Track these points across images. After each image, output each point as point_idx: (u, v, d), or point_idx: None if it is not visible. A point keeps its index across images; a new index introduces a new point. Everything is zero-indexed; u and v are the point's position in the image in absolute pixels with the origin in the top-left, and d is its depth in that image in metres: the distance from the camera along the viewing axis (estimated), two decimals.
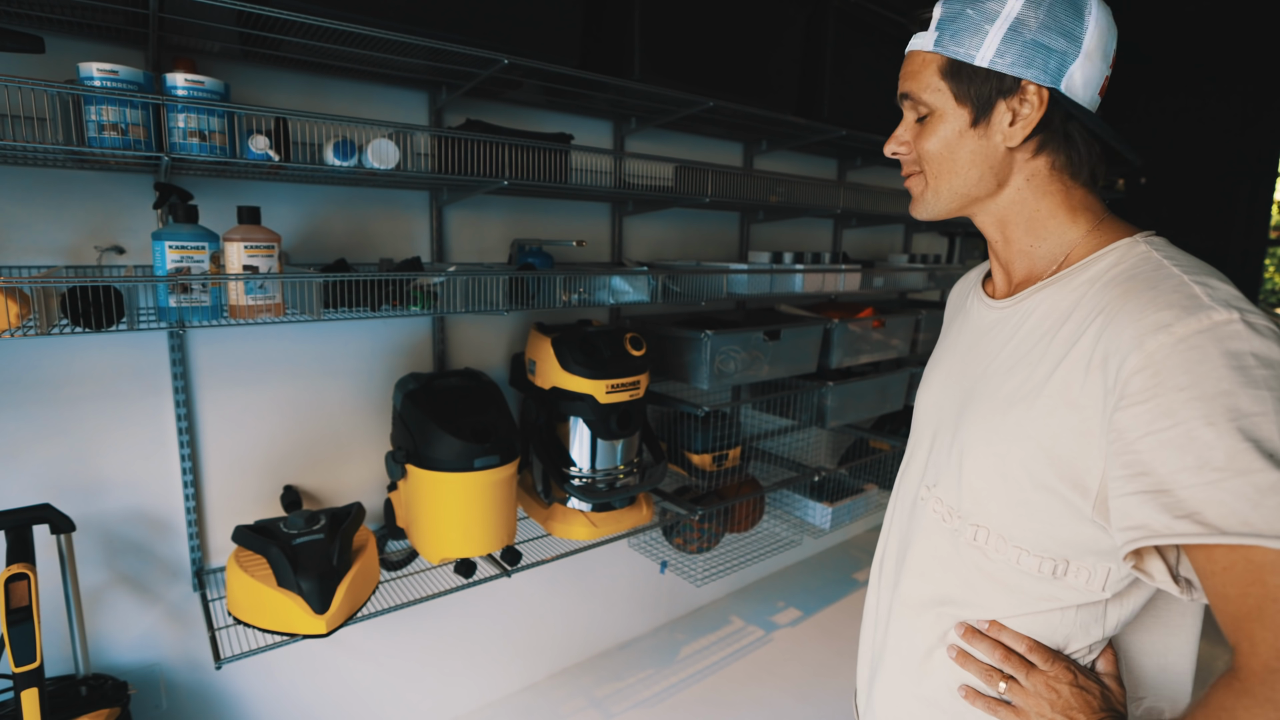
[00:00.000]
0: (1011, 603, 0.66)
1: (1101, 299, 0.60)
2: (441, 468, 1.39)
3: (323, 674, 1.69)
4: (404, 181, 1.47)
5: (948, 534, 0.70)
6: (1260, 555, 0.48)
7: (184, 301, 1.15)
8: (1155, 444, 0.51)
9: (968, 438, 0.69)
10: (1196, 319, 0.52)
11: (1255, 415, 0.49)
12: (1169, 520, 0.50)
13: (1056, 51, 0.63)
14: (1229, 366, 0.50)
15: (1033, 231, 0.70)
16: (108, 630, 1.40)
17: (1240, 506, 0.48)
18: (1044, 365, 0.62)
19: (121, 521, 1.39)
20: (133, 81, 1.09)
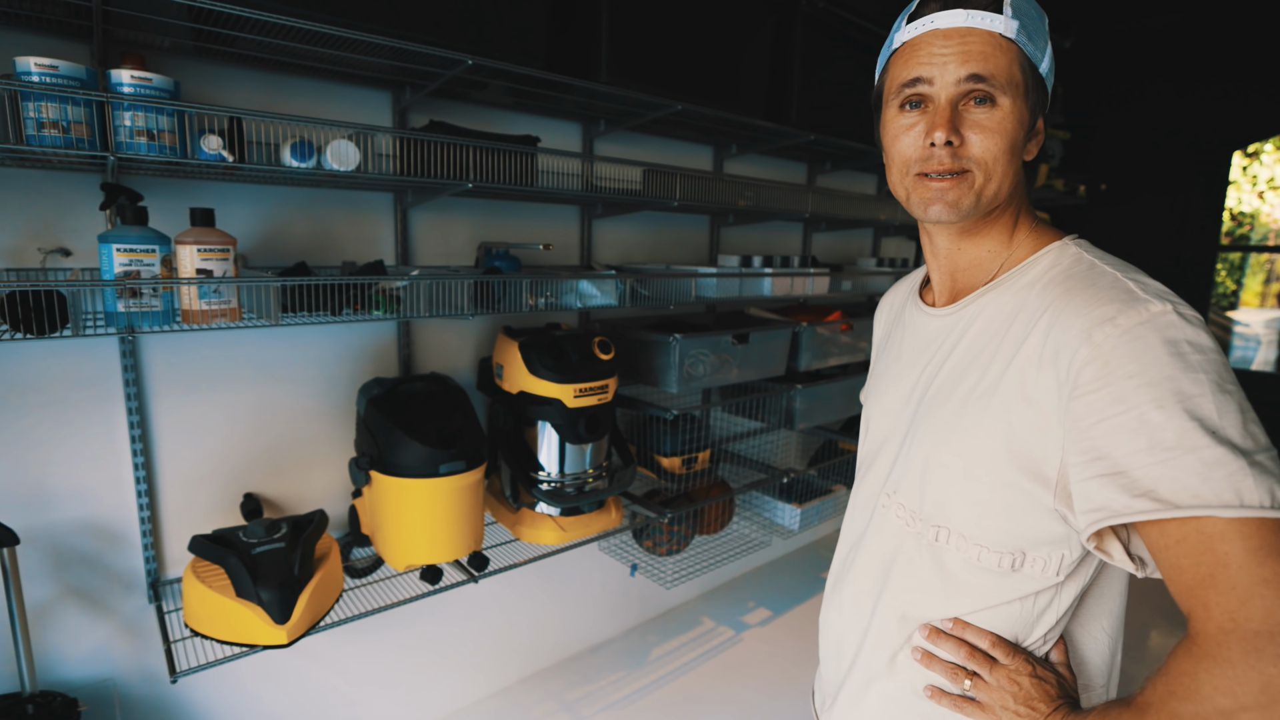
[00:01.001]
0: (972, 599, 0.68)
1: (1045, 298, 0.62)
2: (406, 474, 1.37)
3: (287, 684, 1.66)
4: (366, 183, 1.44)
5: (910, 537, 0.72)
6: (1210, 525, 0.50)
7: (133, 306, 1.12)
8: (1109, 429, 0.54)
9: (926, 441, 0.70)
10: (1136, 311, 0.56)
11: (1196, 396, 0.52)
12: (1128, 500, 0.53)
13: (1053, 75, 0.67)
14: (1169, 354, 0.54)
15: (994, 239, 0.71)
16: (58, 645, 1.35)
17: (1191, 481, 0.51)
18: (996, 365, 0.64)
19: (71, 533, 1.34)
20: (74, 77, 1.05)
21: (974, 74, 0.62)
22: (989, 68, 0.62)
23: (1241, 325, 4.48)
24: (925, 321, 0.76)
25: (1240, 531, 0.49)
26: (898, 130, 0.68)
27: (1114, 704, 0.59)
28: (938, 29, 0.64)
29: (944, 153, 0.64)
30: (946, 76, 0.63)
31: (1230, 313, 4.51)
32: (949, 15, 0.63)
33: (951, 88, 0.63)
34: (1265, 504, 0.49)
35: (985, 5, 0.63)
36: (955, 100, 0.64)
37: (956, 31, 0.63)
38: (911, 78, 0.65)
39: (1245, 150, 3.76)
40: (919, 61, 0.65)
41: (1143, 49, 3.71)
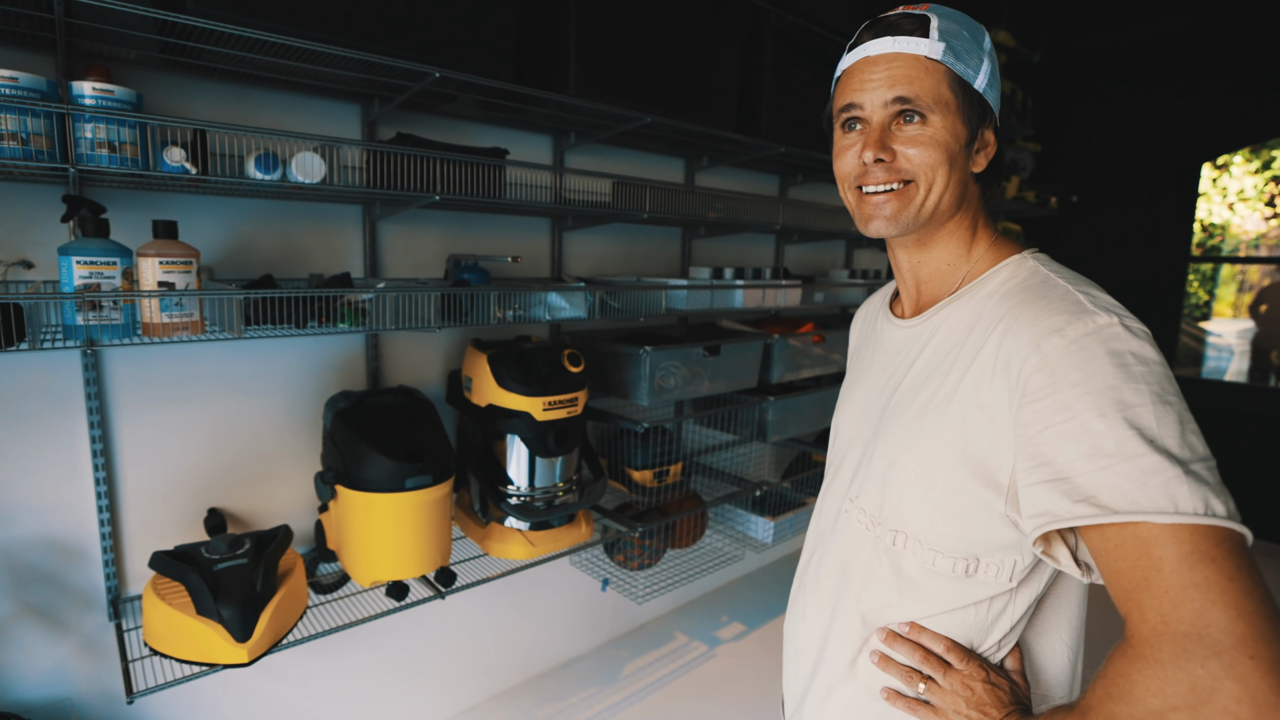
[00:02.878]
0: (928, 604, 0.70)
1: (1000, 310, 0.65)
2: (372, 488, 1.36)
3: (251, 703, 1.63)
4: (333, 196, 1.45)
5: (869, 542, 0.74)
6: (1146, 530, 0.52)
7: (93, 319, 1.11)
8: (1054, 436, 0.56)
9: (887, 448, 0.72)
10: (1084, 323, 0.58)
11: (1137, 406, 0.54)
12: (1069, 505, 0.55)
13: (996, 98, 0.71)
14: (1113, 364, 0.56)
15: (951, 251, 0.74)
16: (14, 664, 1.32)
17: (1128, 487, 0.53)
18: (953, 374, 0.67)
19: (29, 549, 1.32)
20: (34, 89, 1.04)
21: (899, 96, 0.68)
22: (914, 90, 0.67)
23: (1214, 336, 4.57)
24: (893, 333, 0.80)
25: (1174, 537, 0.51)
26: (839, 149, 0.75)
27: (1059, 708, 0.61)
28: (868, 56, 0.70)
29: (878, 169, 0.70)
30: (875, 100, 0.69)
31: (1203, 323, 4.60)
32: (878, 43, 0.69)
33: (880, 110, 0.69)
34: (1199, 510, 0.51)
35: (910, 31, 0.68)
36: (886, 122, 0.69)
37: (884, 58, 0.68)
38: (847, 103, 0.72)
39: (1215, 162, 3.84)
40: (853, 88, 0.71)
41: (1113, 62, 3.81)
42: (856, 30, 0.74)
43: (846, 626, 0.76)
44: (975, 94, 0.68)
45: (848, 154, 0.72)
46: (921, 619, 0.70)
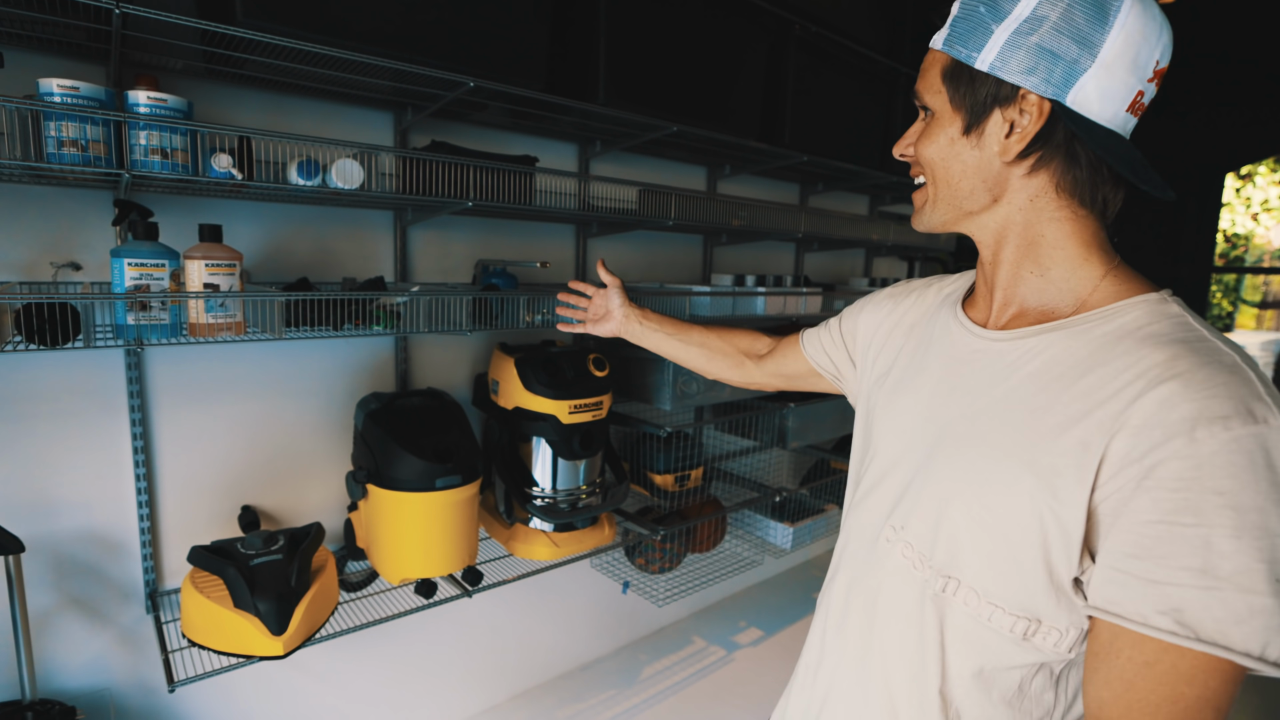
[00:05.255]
0: (971, 661, 0.61)
1: (1138, 361, 0.53)
2: (402, 487, 1.39)
3: (281, 696, 1.66)
4: (368, 201, 1.48)
5: (915, 583, 0.64)
6: (1213, 663, 0.48)
7: (142, 319, 1.15)
8: (1168, 534, 0.48)
9: (951, 484, 0.62)
10: (1255, 420, 0.48)
11: (1276, 536, 0.47)
12: (1149, 611, 0.49)
13: (1065, 59, 0.56)
14: (1272, 482, 0.47)
15: (1034, 258, 0.63)
16: (57, 654, 1.36)
17: (1225, 618, 0.47)
18: (1053, 417, 0.56)
19: (73, 542, 1.36)
20: (94, 98, 1.09)
21: (914, 92, 0.67)
22: (922, 84, 0.66)
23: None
24: (966, 339, 0.68)
25: (1235, 675, 0.48)
26: None
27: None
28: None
29: (914, 162, 0.69)
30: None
31: (1226, 334, 4.57)
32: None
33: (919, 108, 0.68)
34: (1278, 659, 0.47)
35: (942, 22, 0.65)
36: (922, 113, 0.68)
37: (928, 53, 0.67)
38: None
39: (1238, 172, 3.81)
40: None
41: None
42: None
43: (868, 669, 0.69)
44: (978, 75, 0.60)
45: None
46: (959, 676, 0.62)
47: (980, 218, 0.65)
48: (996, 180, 0.62)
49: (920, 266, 3.02)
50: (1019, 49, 0.57)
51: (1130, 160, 0.57)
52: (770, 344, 1.08)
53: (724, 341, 1.13)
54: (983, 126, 0.61)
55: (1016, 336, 0.62)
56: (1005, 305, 0.66)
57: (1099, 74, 0.56)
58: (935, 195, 0.66)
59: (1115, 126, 0.58)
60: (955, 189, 0.64)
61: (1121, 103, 0.57)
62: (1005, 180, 0.62)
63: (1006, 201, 0.63)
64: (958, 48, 0.61)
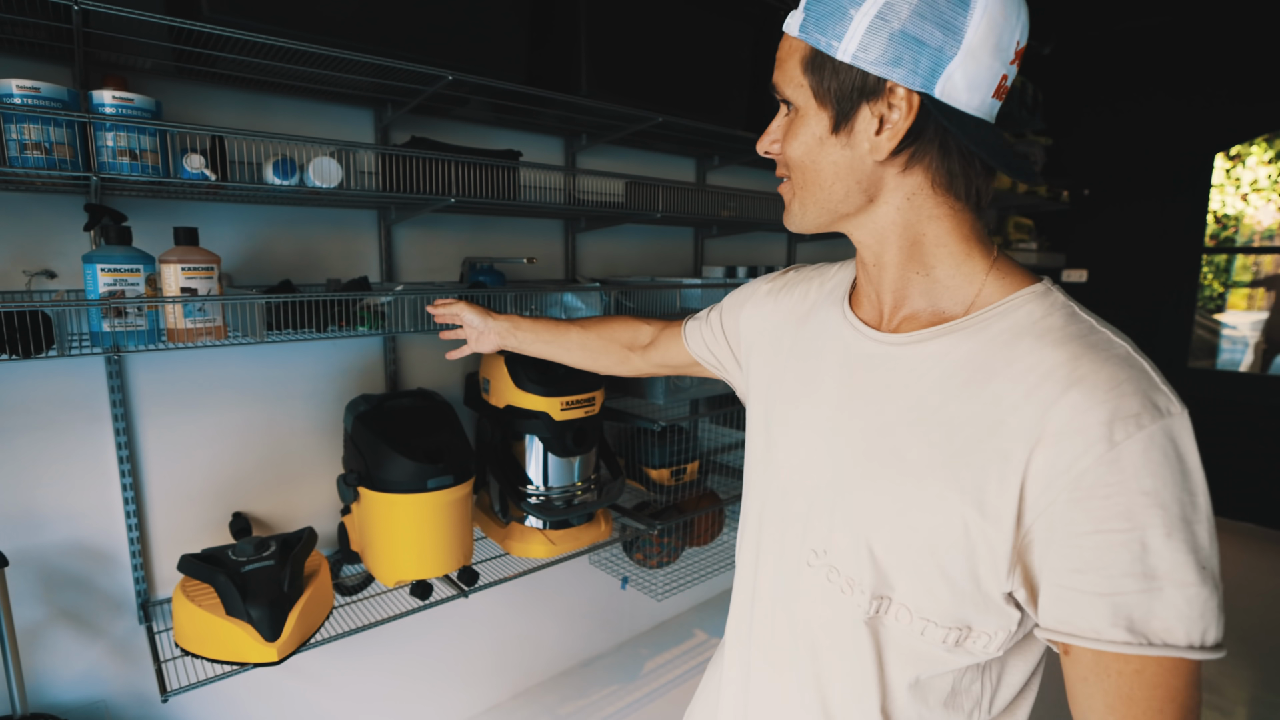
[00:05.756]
0: (907, 673, 0.61)
1: (1041, 361, 0.52)
2: (394, 489, 1.37)
3: (280, 702, 1.65)
4: (349, 200, 1.46)
5: (847, 608, 0.62)
6: (1171, 662, 0.49)
7: (118, 326, 1.13)
8: (1106, 544, 0.49)
9: (873, 507, 0.60)
10: (1159, 412, 0.49)
11: (1195, 524, 0.48)
12: (1105, 626, 0.49)
13: (930, 47, 0.52)
14: (1182, 472, 0.48)
15: (918, 259, 0.60)
16: (48, 667, 1.35)
17: (1171, 618, 0.48)
18: (968, 428, 0.54)
19: (61, 555, 1.34)
20: (56, 99, 1.06)
21: (772, 83, 0.61)
22: (780, 76, 0.59)
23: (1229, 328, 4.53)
24: (860, 343, 0.64)
25: (1192, 668, 0.49)
26: None
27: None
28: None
29: (779, 159, 0.63)
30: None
31: (1217, 315, 4.55)
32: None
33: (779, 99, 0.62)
34: (1219, 642, 0.49)
35: (795, 3, 0.58)
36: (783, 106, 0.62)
37: (782, 37, 0.60)
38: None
39: (1228, 153, 3.79)
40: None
41: (1124, 52, 3.77)
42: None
43: (805, 700, 0.67)
44: (841, 66, 0.55)
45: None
46: (894, 687, 0.62)
47: (857, 219, 0.61)
48: (871, 180, 0.58)
49: None
50: (881, 36, 0.52)
51: (998, 148, 0.55)
52: (653, 333, 1.02)
53: (602, 339, 1.07)
54: (851, 123, 0.56)
55: (914, 340, 0.60)
56: (896, 308, 0.63)
57: (965, 61, 0.52)
58: (806, 197, 0.61)
59: (983, 114, 0.55)
60: (829, 192, 0.60)
61: (988, 89, 0.54)
62: (880, 180, 0.58)
63: (883, 201, 0.59)
64: (816, 35, 0.55)
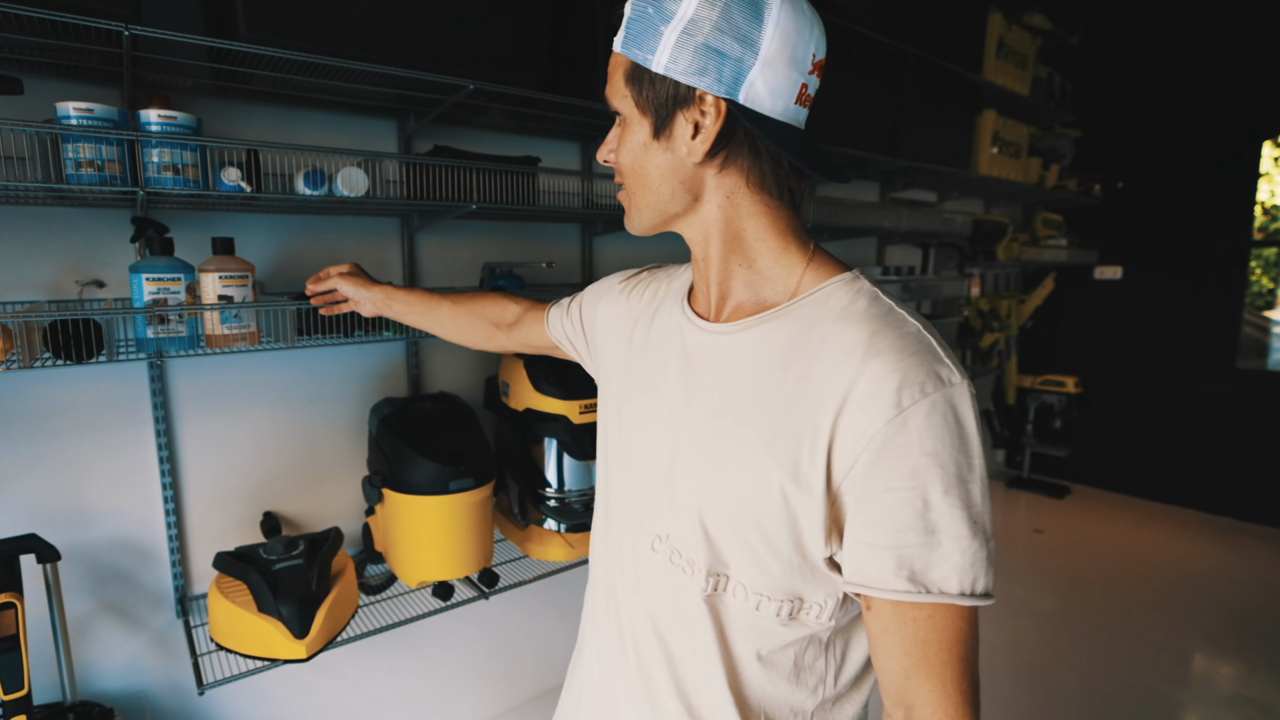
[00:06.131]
0: (749, 649, 0.65)
1: (846, 340, 0.57)
2: (417, 491, 1.41)
3: (306, 698, 1.70)
4: (375, 208, 1.51)
5: (689, 589, 0.66)
6: (951, 609, 0.55)
7: (161, 332, 1.19)
8: (893, 500, 0.54)
9: (705, 486, 0.63)
10: (942, 383, 0.55)
11: (969, 482, 0.54)
12: (890, 577, 0.55)
13: (731, 58, 0.57)
14: (961, 435, 0.54)
15: (740, 253, 0.65)
16: (94, 657, 1.41)
17: (947, 569, 0.54)
18: (785, 405, 0.59)
19: (106, 550, 1.41)
20: (108, 119, 1.13)
21: (605, 96, 0.65)
22: (609, 89, 0.64)
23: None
24: (696, 335, 0.68)
25: (968, 615, 0.56)
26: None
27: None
28: None
29: (617, 167, 0.68)
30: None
31: (1268, 312, 4.37)
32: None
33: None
34: (989, 590, 0.56)
35: (619, 21, 0.63)
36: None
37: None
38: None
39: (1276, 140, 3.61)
40: None
41: (1161, 37, 3.66)
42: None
43: (657, 683, 0.70)
44: (657, 77, 0.59)
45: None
46: (742, 662, 0.65)
47: (685, 218, 0.66)
48: (693, 181, 0.63)
49: (935, 253, 2.98)
50: (688, 49, 0.57)
51: (804, 151, 0.60)
52: (519, 312, 1.06)
53: (471, 314, 1.11)
54: (670, 129, 0.61)
55: (740, 328, 0.64)
56: (723, 299, 0.67)
57: (764, 70, 0.57)
58: (638, 200, 0.66)
59: (788, 119, 0.60)
60: (657, 193, 0.65)
61: (789, 96, 0.59)
62: (701, 180, 0.63)
63: (707, 200, 0.64)
64: (634, 50, 0.60)
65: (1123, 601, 2.78)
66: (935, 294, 2.58)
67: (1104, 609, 2.72)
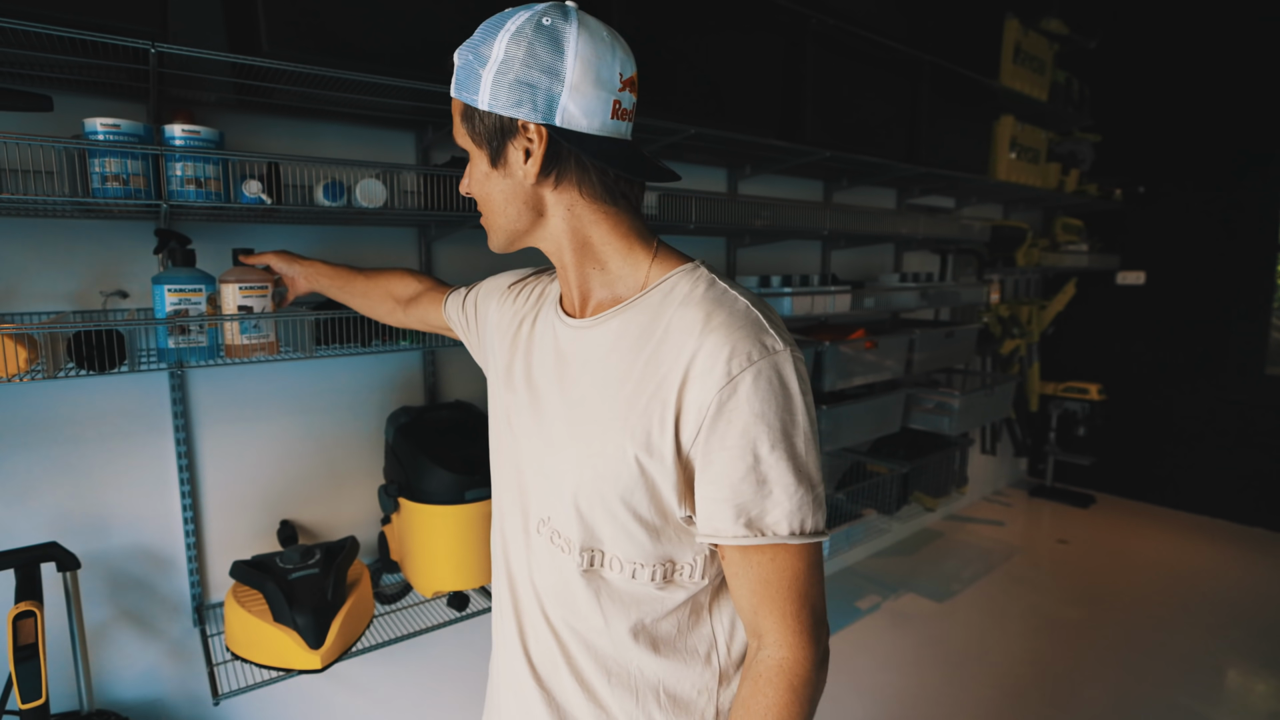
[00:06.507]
0: (628, 620, 0.71)
1: (687, 322, 0.65)
2: (433, 500, 1.41)
3: (320, 709, 1.69)
4: (393, 219, 1.52)
5: (569, 567, 0.72)
6: (790, 550, 0.64)
7: (182, 343, 1.20)
8: (730, 457, 0.62)
9: (575, 466, 0.70)
10: (768, 350, 0.62)
11: (794, 437, 0.62)
12: (731, 525, 0.63)
13: (541, 88, 0.64)
14: (785, 396, 0.62)
15: (591, 258, 0.72)
16: (112, 666, 1.42)
17: (778, 515, 0.62)
18: (638, 384, 0.66)
19: (125, 558, 1.42)
20: (134, 134, 1.14)
21: (454, 137, 0.73)
22: (455, 131, 0.73)
23: None
24: (565, 332, 0.75)
25: (809, 554, 0.65)
26: None
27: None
28: None
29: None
30: None
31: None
32: None
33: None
34: (819, 529, 0.64)
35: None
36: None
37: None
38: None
39: None
40: None
41: (1181, 39, 3.61)
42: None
43: (552, 666, 0.76)
44: (485, 114, 0.67)
45: None
46: (628, 630, 0.71)
47: (536, 233, 0.73)
48: (534, 200, 0.70)
49: (953, 260, 2.94)
50: (503, 86, 0.65)
51: (624, 159, 0.67)
52: (418, 290, 1.13)
53: (378, 289, 1.18)
54: (504, 157, 0.68)
55: (599, 321, 0.72)
56: (585, 299, 0.74)
57: (573, 95, 0.64)
58: (492, 223, 0.74)
59: (607, 133, 0.67)
60: (504, 215, 0.72)
61: (604, 113, 0.66)
62: (541, 198, 0.70)
63: (551, 215, 0.71)
64: (464, 93, 0.68)
65: (1151, 614, 2.70)
66: (954, 300, 2.54)
67: (1131, 622, 2.65)
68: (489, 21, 0.67)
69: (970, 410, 2.47)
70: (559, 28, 0.64)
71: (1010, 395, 2.74)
